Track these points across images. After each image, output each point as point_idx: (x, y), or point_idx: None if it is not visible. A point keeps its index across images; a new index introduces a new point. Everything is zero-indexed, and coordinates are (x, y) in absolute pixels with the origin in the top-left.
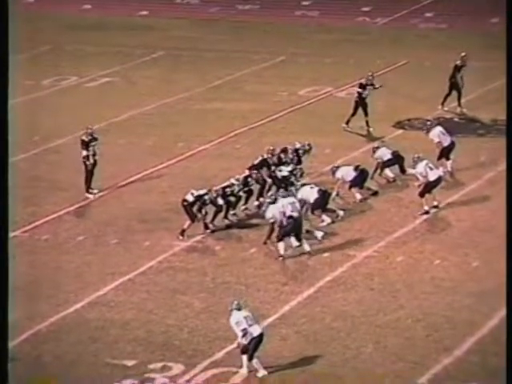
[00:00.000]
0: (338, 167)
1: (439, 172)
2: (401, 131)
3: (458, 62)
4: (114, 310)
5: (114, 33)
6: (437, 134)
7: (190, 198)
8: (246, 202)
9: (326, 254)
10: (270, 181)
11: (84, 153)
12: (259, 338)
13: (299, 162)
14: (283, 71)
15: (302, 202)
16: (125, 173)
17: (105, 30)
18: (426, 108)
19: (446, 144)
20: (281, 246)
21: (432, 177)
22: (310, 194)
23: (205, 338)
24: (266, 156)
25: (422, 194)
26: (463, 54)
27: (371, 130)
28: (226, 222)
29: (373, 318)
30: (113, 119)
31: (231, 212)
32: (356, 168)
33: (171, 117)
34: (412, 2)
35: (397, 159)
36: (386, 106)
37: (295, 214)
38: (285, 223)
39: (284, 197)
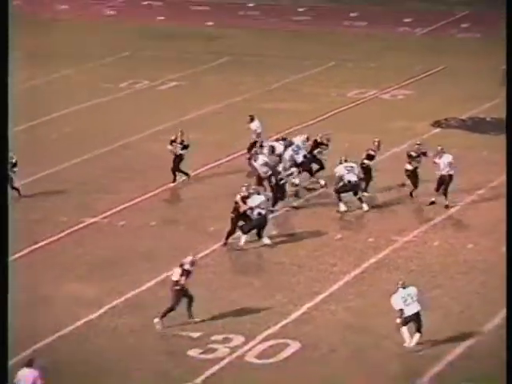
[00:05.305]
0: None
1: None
2: (438, 129)
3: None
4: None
5: (184, 41)
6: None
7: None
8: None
9: (370, 239)
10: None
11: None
12: (416, 315)
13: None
14: (333, 75)
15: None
16: (193, 166)
17: (176, 38)
18: (461, 109)
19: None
20: (243, 237)
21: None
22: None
23: (262, 313)
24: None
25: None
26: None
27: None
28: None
29: None
30: (182, 118)
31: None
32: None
33: (234, 116)
34: (449, 13)
35: None
36: (425, 107)
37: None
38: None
39: None
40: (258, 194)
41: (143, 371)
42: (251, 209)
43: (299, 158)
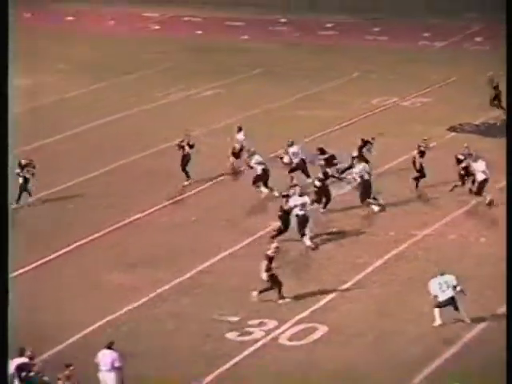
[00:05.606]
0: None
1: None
2: (454, 134)
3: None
4: (221, 277)
5: (221, 53)
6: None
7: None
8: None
9: (392, 233)
10: None
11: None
12: (448, 302)
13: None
14: (358, 85)
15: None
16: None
17: (213, 51)
18: (474, 115)
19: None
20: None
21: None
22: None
23: (294, 300)
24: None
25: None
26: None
27: None
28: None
29: None
30: (219, 123)
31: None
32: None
33: (266, 122)
34: (464, 28)
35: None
36: (442, 113)
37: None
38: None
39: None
40: (301, 195)
41: (185, 353)
42: (291, 208)
43: (296, 161)
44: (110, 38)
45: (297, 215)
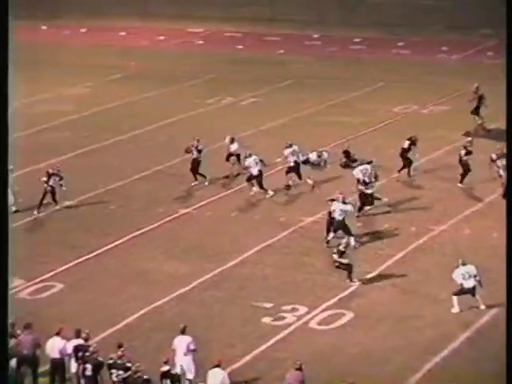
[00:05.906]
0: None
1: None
2: (469, 138)
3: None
4: (257, 267)
5: (259, 65)
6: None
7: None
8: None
9: (412, 228)
10: None
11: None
12: (469, 290)
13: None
14: (382, 94)
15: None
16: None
17: (252, 63)
18: (488, 121)
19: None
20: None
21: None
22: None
23: (323, 288)
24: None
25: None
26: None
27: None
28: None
29: (447, 274)
30: (258, 128)
31: None
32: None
33: (299, 127)
34: (478, 43)
35: None
36: (458, 120)
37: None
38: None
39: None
40: (344, 202)
41: (226, 335)
42: (332, 211)
43: (291, 163)
44: (157, 51)
45: (334, 218)
